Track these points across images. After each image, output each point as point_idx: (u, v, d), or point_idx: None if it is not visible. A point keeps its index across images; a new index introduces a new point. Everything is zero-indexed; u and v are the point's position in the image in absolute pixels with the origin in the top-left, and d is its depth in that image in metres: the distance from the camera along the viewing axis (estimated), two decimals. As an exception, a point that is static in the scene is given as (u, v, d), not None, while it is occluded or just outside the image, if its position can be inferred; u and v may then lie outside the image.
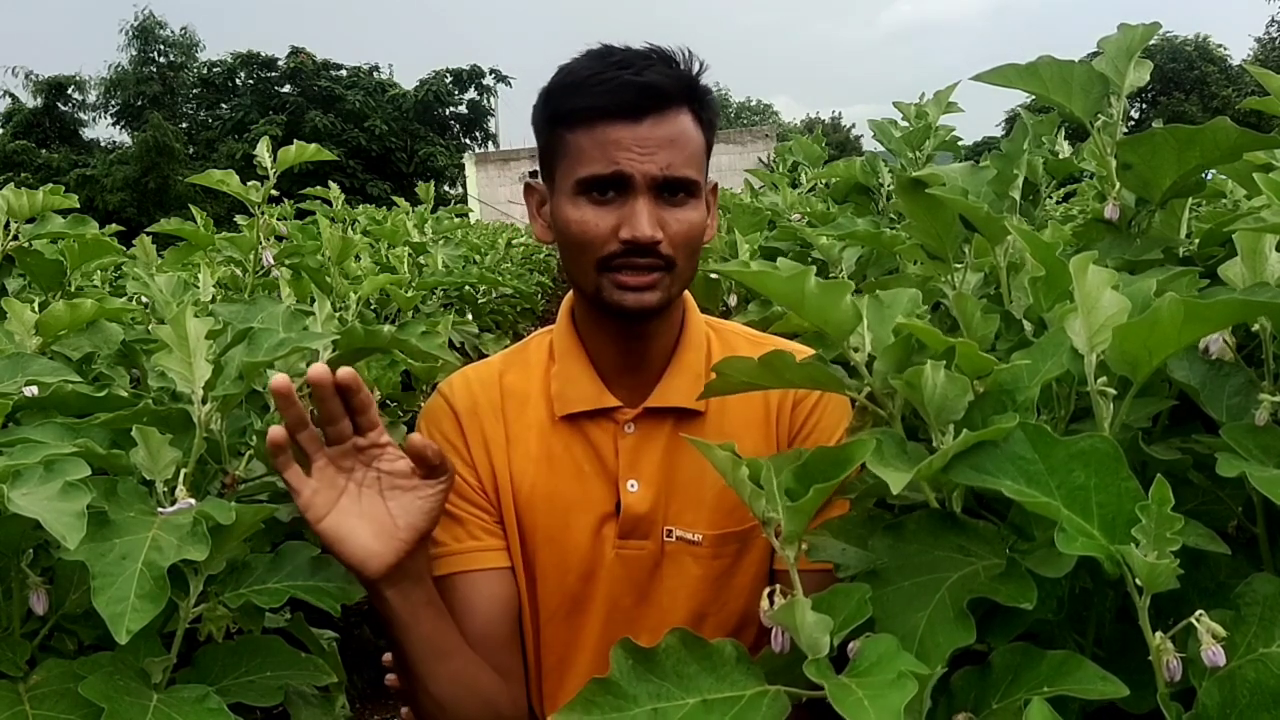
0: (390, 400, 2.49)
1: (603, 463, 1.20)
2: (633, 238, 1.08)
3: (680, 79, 1.11)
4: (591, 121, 1.09)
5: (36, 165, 30.08)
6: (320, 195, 3.79)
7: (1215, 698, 0.66)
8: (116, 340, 1.50)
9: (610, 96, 1.08)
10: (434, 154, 34.22)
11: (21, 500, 0.82)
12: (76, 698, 0.87)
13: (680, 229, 1.11)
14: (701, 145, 1.14)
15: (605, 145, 1.08)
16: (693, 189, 1.12)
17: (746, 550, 1.19)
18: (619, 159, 1.08)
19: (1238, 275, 0.90)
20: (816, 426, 1.20)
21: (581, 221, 1.10)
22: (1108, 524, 0.70)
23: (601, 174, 1.08)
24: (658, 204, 1.10)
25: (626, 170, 1.08)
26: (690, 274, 1.17)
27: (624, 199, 1.09)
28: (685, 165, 1.10)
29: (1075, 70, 1.10)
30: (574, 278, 1.17)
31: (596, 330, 1.21)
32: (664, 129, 1.09)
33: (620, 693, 0.75)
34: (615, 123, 1.08)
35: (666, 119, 1.09)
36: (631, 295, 1.11)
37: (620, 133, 1.08)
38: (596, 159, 1.08)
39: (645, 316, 1.15)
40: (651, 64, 1.10)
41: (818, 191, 3.18)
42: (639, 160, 1.08)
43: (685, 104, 1.11)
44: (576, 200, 1.11)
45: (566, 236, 1.13)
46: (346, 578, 1.10)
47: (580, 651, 1.21)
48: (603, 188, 1.09)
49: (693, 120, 1.12)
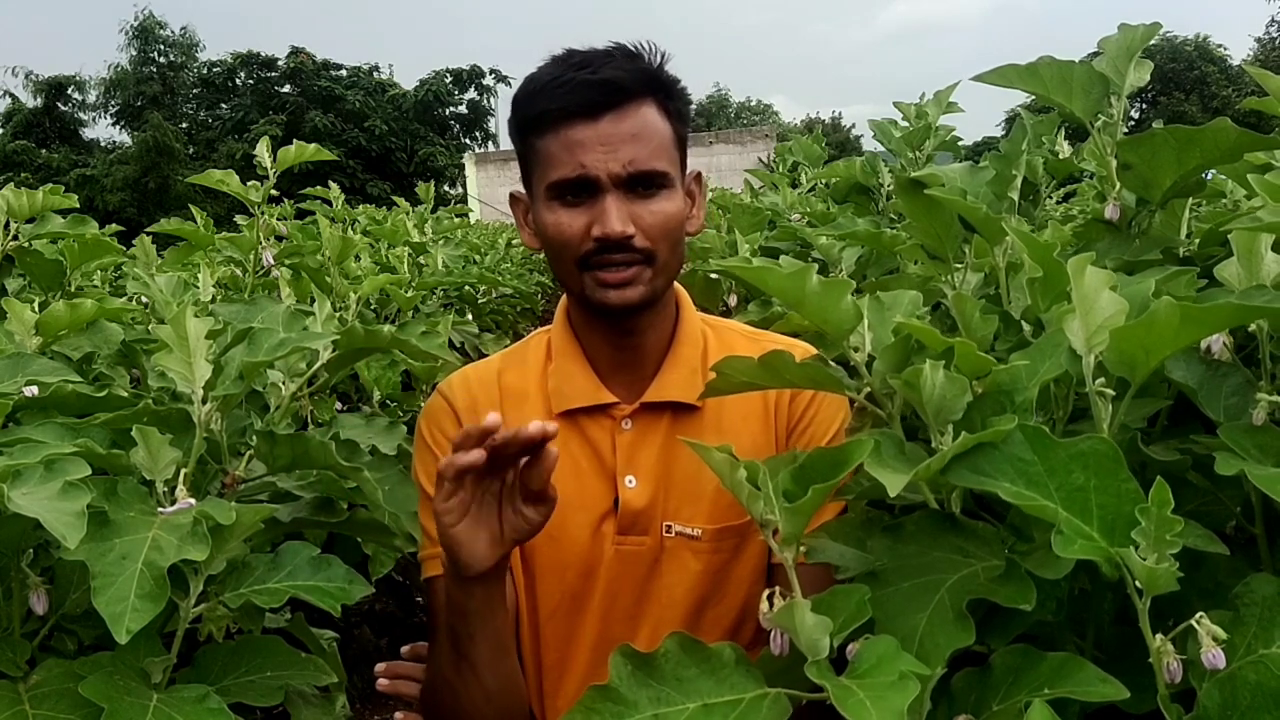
0: (390, 400, 2.49)
1: (601, 459, 1.20)
2: (604, 234, 1.10)
3: (640, 72, 1.13)
4: (555, 125, 1.11)
5: (36, 165, 30.05)
6: (320, 195, 3.79)
7: (1216, 699, 0.66)
8: (116, 340, 1.50)
9: (568, 97, 1.10)
10: (434, 154, 34.20)
11: (22, 500, 0.82)
12: (76, 698, 0.87)
13: (654, 221, 1.12)
14: (669, 136, 1.14)
15: (570, 147, 1.10)
16: (663, 180, 1.13)
17: (746, 544, 1.19)
18: (583, 160, 1.10)
19: (1234, 276, 0.90)
20: (815, 419, 1.20)
21: (557, 224, 1.13)
22: (1107, 526, 0.70)
23: (568, 177, 1.11)
24: (628, 199, 1.11)
25: (591, 172, 1.10)
26: (675, 265, 1.18)
27: (594, 198, 1.11)
28: (651, 158, 1.11)
29: (1075, 70, 1.10)
30: (562, 280, 1.19)
31: (590, 329, 1.22)
32: (625, 124, 1.10)
33: (620, 699, 0.75)
34: (576, 123, 1.10)
35: (627, 114, 1.11)
36: (614, 292, 1.12)
37: (582, 133, 1.10)
38: (563, 162, 1.11)
39: (631, 312, 1.16)
40: (610, 61, 1.12)
41: (818, 191, 3.18)
42: (602, 158, 1.09)
43: (648, 96, 1.13)
44: (551, 205, 1.13)
45: (547, 241, 1.15)
46: (347, 578, 1.10)
47: (580, 649, 1.21)
48: (573, 190, 1.11)
49: (658, 112, 1.13)
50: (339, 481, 1.23)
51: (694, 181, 1.21)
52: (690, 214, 1.20)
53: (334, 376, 1.48)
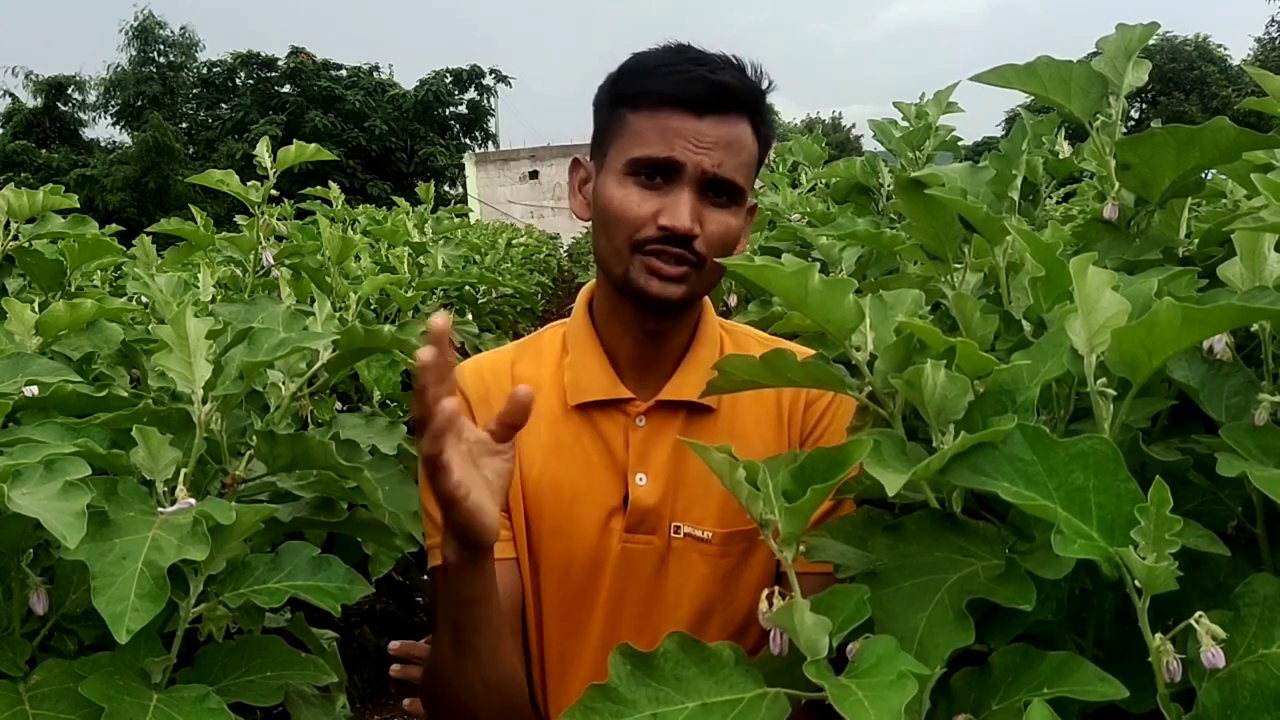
0: (390, 400, 2.49)
1: (612, 455, 1.20)
2: (671, 226, 1.10)
3: (748, 87, 1.14)
4: (656, 106, 1.12)
5: (36, 165, 30.04)
6: (320, 195, 3.79)
7: (1215, 699, 0.66)
8: (116, 340, 1.50)
9: (680, 86, 1.11)
10: (434, 154, 34.19)
11: (22, 500, 0.82)
12: (76, 697, 0.87)
13: (717, 230, 1.13)
14: (754, 155, 1.16)
15: (665, 131, 1.11)
16: (737, 195, 1.14)
17: (754, 548, 1.19)
18: (675, 146, 1.10)
19: (1237, 276, 0.90)
20: (829, 429, 1.20)
21: (625, 199, 1.13)
22: (1107, 525, 0.70)
23: (656, 156, 1.11)
24: (701, 200, 1.12)
25: (680, 158, 1.10)
26: (716, 278, 1.18)
27: (670, 187, 1.12)
28: (736, 169, 1.12)
29: (1074, 70, 1.10)
30: (604, 258, 1.17)
31: (615, 320, 1.22)
32: (723, 129, 1.11)
33: (619, 698, 0.75)
34: (678, 112, 1.11)
35: (728, 121, 1.12)
36: (658, 283, 1.12)
37: (681, 123, 1.11)
38: (653, 142, 1.11)
39: (667, 308, 1.16)
40: (727, 67, 1.14)
41: (818, 191, 3.18)
42: (694, 152, 1.10)
43: (747, 112, 1.14)
44: (624, 180, 1.13)
45: (607, 213, 1.15)
46: (347, 578, 1.10)
47: (583, 647, 1.20)
48: (652, 172, 1.12)
49: (751, 130, 1.15)
50: (339, 481, 1.23)
51: (749, 211, 1.22)
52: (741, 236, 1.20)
53: (334, 376, 1.48)
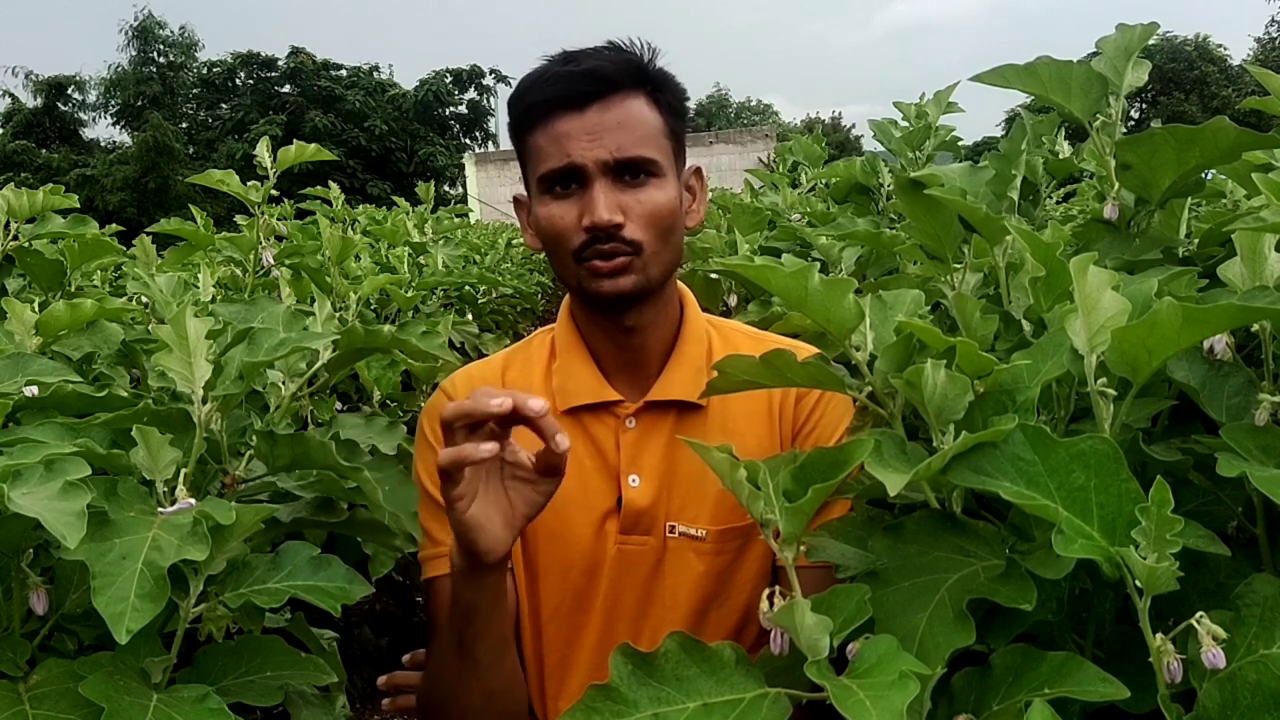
0: (390, 400, 2.49)
1: (604, 458, 1.20)
2: (592, 224, 1.10)
3: (626, 64, 1.14)
4: (543, 118, 1.12)
5: (36, 165, 30.04)
6: (320, 195, 3.79)
7: (1216, 699, 0.66)
8: (116, 340, 1.50)
9: (556, 90, 1.11)
10: (434, 154, 34.21)
11: (21, 500, 0.82)
12: (76, 698, 0.87)
13: (643, 210, 1.12)
14: (659, 126, 1.15)
15: (558, 139, 1.11)
16: (652, 168, 1.13)
17: (750, 545, 1.19)
18: (569, 149, 1.11)
19: (1237, 275, 0.90)
20: (820, 422, 1.20)
21: (549, 217, 1.13)
22: (1107, 525, 0.70)
23: (556, 167, 1.11)
24: (617, 188, 1.12)
25: (577, 160, 1.10)
26: (669, 256, 1.17)
27: (584, 189, 1.12)
28: (638, 145, 1.12)
29: (1074, 70, 1.10)
30: (561, 277, 1.19)
31: (593, 325, 1.22)
32: (611, 113, 1.11)
33: (620, 698, 0.75)
34: (564, 115, 1.11)
35: (613, 104, 1.12)
36: (606, 282, 1.13)
37: (569, 124, 1.11)
38: (551, 154, 1.12)
39: (625, 303, 1.16)
40: (596, 55, 1.14)
41: (818, 191, 3.18)
42: (588, 147, 1.10)
43: (635, 88, 1.14)
44: (543, 200, 1.14)
45: (543, 236, 1.16)
46: (347, 578, 1.10)
47: (582, 650, 1.21)
48: (564, 181, 1.12)
49: (647, 103, 1.14)
50: (339, 481, 1.23)
51: (693, 176, 1.21)
52: (690, 208, 1.20)
53: (334, 376, 1.48)
